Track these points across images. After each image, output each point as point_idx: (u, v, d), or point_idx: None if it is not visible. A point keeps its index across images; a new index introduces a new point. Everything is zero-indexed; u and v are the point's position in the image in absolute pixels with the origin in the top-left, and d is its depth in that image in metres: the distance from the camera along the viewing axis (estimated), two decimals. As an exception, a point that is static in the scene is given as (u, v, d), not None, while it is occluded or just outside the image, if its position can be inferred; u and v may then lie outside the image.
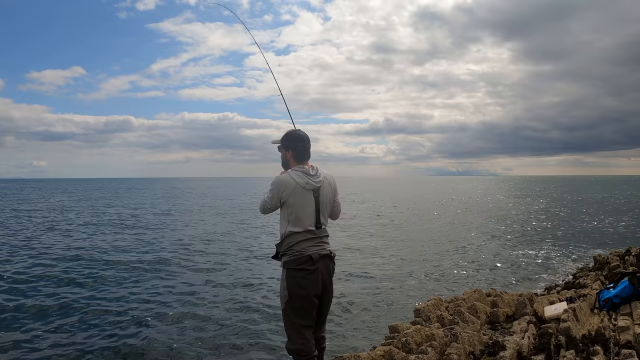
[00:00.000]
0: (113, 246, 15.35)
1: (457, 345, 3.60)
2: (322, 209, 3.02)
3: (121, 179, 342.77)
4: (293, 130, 3.15)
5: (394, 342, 4.00)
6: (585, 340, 3.57)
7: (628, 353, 3.20)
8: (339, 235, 17.74)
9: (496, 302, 5.24)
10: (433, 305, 5.14)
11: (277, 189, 2.94)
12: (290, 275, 2.92)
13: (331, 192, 3.11)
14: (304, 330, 2.96)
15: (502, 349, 3.54)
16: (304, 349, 2.94)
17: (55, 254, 13.56)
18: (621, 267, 6.84)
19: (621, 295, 4.55)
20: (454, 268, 11.78)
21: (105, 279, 10.28)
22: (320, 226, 3.00)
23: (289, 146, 3.09)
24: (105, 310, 7.94)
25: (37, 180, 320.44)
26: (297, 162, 3.06)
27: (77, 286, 9.65)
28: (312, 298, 2.92)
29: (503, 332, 4.32)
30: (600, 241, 16.31)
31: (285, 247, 2.96)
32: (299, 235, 2.92)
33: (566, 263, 12.36)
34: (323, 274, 2.96)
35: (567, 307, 4.18)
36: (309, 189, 2.95)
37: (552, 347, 3.57)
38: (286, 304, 2.94)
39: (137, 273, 11.02)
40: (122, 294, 9.10)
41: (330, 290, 3.06)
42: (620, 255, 8.18)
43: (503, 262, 12.64)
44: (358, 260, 12.90)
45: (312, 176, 2.98)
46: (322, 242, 3.00)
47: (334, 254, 3.08)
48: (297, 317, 2.93)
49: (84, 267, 11.58)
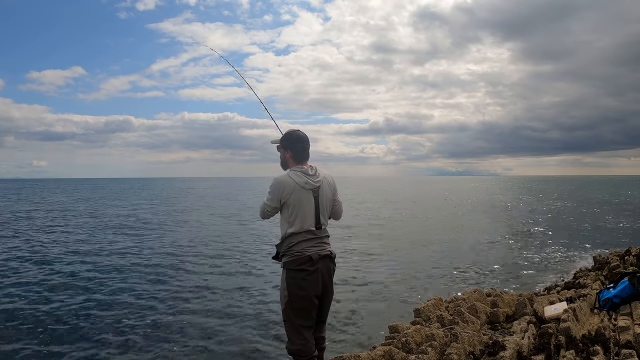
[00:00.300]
0: (109, 248, 15.34)
1: (457, 345, 3.60)
2: (322, 209, 3.00)
3: (121, 179, 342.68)
4: (293, 131, 3.12)
5: (394, 342, 4.00)
6: (585, 340, 3.56)
7: (628, 353, 3.19)
8: (339, 236, 17.74)
9: (496, 302, 5.24)
10: (433, 305, 5.14)
11: (276, 189, 2.92)
12: (290, 275, 2.91)
13: (331, 192, 3.09)
14: (303, 331, 2.95)
15: (502, 349, 3.53)
16: (304, 349, 2.94)
17: (48, 255, 13.55)
18: (621, 267, 6.83)
19: (621, 295, 4.54)
20: (454, 268, 11.78)
21: (100, 281, 10.28)
22: (320, 226, 2.98)
23: (288, 147, 3.08)
24: (99, 315, 7.93)
25: (37, 180, 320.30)
26: (296, 162, 3.05)
27: (70, 289, 9.45)
28: (312, 299, 2.91)
29: (503, 332, 4.32)
30: (600, 241, 16.31)
31: (285, 248, 2.95)
32: (299, 235, 2.91)
33: (566, 263, 12.35)
34: (323, 274, 2.95)
35: (567, 307, 4.18)
36: (308, 189, 2.93)
37: (552, 347, 3.57)
38: (286, 305, 2.94)
39: (136, 273, 11.02)
40: (119, 295, 9.09)
41: (331, 291, 3.05)
42: (620, 255, 8.17)
43: (503, 262, 12.63)
44: (358, 260, 12.89)
45: (311, 176, 2.97)
46: (322, 242, 2.99)
47: (334, 254, 3.07)
48: (297, 317, 2.93)
49: (80, 269, 11.51)
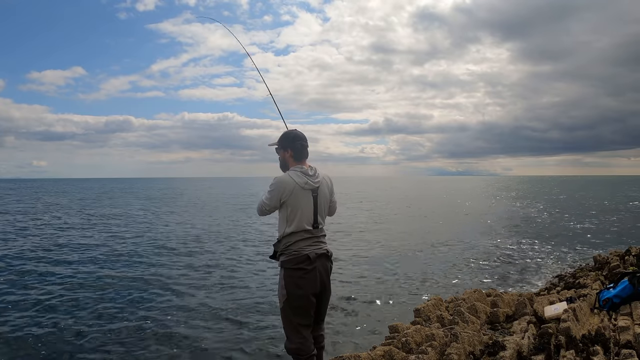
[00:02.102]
0: (104, 249, 15.33)
1: (457, 345, 3.60)
2: (320, 209, 3.04)
3: (121, 179, 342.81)
4: (290, 130, 3.17)
5: (394, 342, 4.00)
6: (585, 340, 3.56)
7: (628, 353, 3.19)
8: (339, 236, 17.74)
9: (496, 302, 5.24)
10: (433, 305, 5.14)
11: (277, 189, 2.94)
12: (288, 274, 2.93)
13: (328, 193, 3.13)
14: (302, 329, 2.97)
15: (502, 349, 3.53)
16: (302, 347, 2.95)
17: (42, 257, 13.54)
18: (621, 267, 6.82)
19: (621, 295, 4.54)
20: (454, 268, 11.78)
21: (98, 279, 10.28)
22: (317, 226, 3.01)
23: (287, 145, 3.10)
24: (100, 314, 7.92)
25: (37, 180, 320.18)
26: (296, 161, 3.08)
27: (64, 290, 9.32)
28: (310, 297, 2.93)
29: (503, 332, 4.32)
30: (600, 241, 16.30)
31: (283, 247, 2.97)
32: (297, 235, 2.93)
33: (566, 263, 12.34)
34: (321, 273, 2.98)
35: (567, 307, 4.17)
36: (308, 189, 2.96)
37: (552, 347, 3.57)
38: (284, 304, 2.95)
39: (133, 274, 11.02)
40: (116, 295, 9.10)
41: (329, 289, 3.08)
42: (620, 255, 8.16)
43: (503, 262, 12.63)
44: (357, 260, 12.89)
45: (310, 176, 3.00)
46: (319, 241, 3.02)
47: (331, 253, 3.10)
48: (296, 316, 2.94)
49: (76, 271, 11.48)
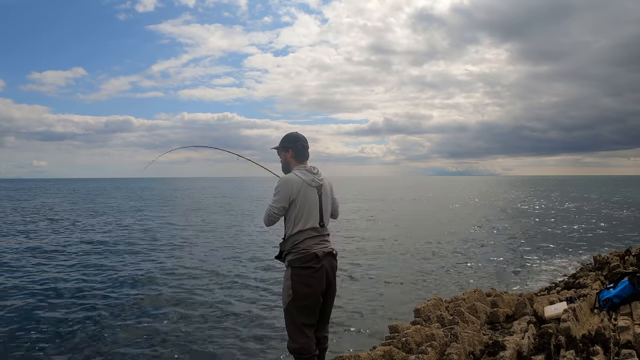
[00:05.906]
0: (105, 249, 15.34)
1: (457, 345, 3.60)
2: (325, 206, 3.06)
3: (121, 179, 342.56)
4: (290, 132, 3.21)
5: (394, 342, 4.00)
6: (585, 340, 3.56)
7: (628, 353, 3.19)
8: (339, 236, 17.73)
9: (496, 302, 5.24)
10: (433, 305, 5.14)
11: (285, 188, 2.93)
12: (296, 273, 2.92)
13: (330, 191, 3.16)
14: (306, 329, 2.96)
15: (502, 349, 3.53)
16: (306, 347, 2.94)
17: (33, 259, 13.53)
18: (621, 267, 6.83)
19: (621, 295, 4.54)
20: (454, 268, 11.78)
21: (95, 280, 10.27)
22: (323, 224, 3.02)
23: (288, 146, 3.12)
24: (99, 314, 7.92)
25: (37, 180, 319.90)
26: (297, 162, 3.10)
27: (60, 295, 9.10)
28: (318, 296, 2.94)
29: (503, 332, 4.32)
30: (600, 241, 16.31)
31: (290, 246, 2.97)
32: (305, 233, 2.94)
33: (566, 263, 12.35)
34: (328, 271, 2.98)
35: (567, 307, 4.18)
36: (314, 186, 2.99)
37: (552, 347, 3.57)
38: (290, 303, 2.93)
39: (131, 274, 11.02)
40: (115, 295, 9.10)
41: (334, 288, 3.09)
42: (620, 255, 8.17)
43: (503, 262, 12.64)
44: (358, 260, 12.89)
45: (315, 174, 3.03)
46: (324, 240, 3.03)
47: (336, 251, 3.11)
48: (301, 315, 2.93)
49: (73, 272, 11.53)
